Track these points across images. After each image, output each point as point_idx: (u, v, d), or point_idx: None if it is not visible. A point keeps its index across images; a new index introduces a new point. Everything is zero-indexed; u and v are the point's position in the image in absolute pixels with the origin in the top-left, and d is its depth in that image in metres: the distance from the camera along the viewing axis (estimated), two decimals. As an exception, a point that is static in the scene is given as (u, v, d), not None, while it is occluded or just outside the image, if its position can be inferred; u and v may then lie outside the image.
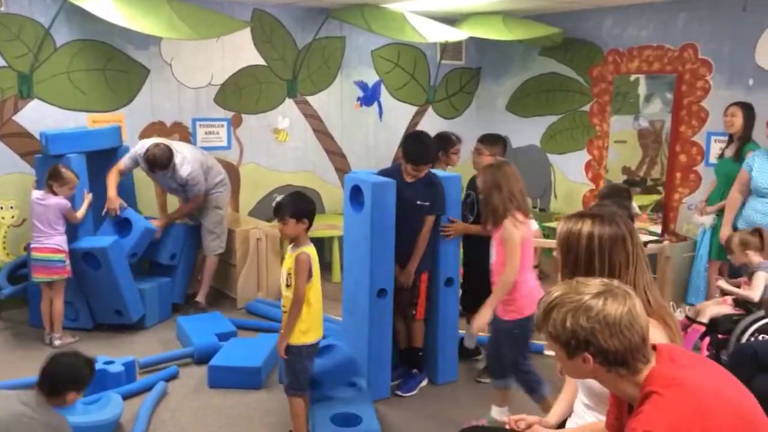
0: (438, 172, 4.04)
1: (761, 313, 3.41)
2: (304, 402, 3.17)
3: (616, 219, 1.94)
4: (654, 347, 1.58)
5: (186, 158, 4.86)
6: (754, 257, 3.84)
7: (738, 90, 5.33)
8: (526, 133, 7.15)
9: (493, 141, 4.27)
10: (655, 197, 6.36)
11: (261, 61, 6.10)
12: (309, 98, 6.45)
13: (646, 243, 5.27)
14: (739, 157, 4.70)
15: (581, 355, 1.52)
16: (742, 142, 4.74)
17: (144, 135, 5.55)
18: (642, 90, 6.40)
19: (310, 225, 3.07)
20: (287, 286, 3.05)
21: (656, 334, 1.83)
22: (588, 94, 6.53)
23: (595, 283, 1.56)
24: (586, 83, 6.52)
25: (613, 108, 6.40)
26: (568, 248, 1.94)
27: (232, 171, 5.95)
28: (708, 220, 4.98)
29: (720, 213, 4.85)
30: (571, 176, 6.76)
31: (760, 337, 3.16)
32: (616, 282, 1.59)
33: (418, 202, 3.74)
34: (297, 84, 6.32)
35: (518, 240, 3.15)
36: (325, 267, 6.13)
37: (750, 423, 1.46)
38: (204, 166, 5.03)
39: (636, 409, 1.50)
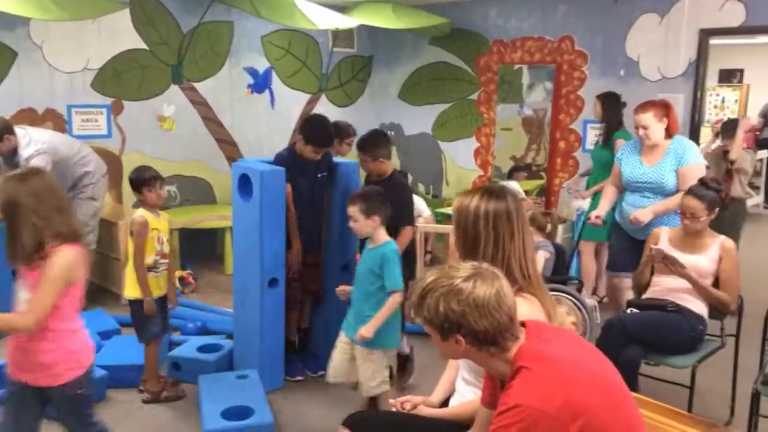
0: (336, 159, 4.05)
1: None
2: (153, 349, 3.53)
3: (505, 194, 2.04)
4: (523, 324, 1.66)
5: (33, 140, 4.46)
6: (535, 236, 4.02)
7: (611, 80, 5.67)
8: (417, 121, 7.28)
9: (372, 146, 3.70)
10: (539, 182, 6.67)
11: (142, 45, 5.82)
12: (196, 85, 6.24)
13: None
14: (607, 144, 4.90)
15: (454, 337, 1.58)
16: (609, 129, 4.92)
17: (12, 123, 5.15)
18: (525, 79, 6.68)
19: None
20: None
21: (533, 309, 1.92)
22: (476, 83, 6.72)
23: (465, 267, 1.62)
24: (474, 72, 6.72)
25: (499, 96, 6.64)
26: (459, 221, 2.04)
27: (114, 161, 5.66)
28: (585, 203, 5.15)
29: (597, 195, 4.99)
30: (461, 162, 6.96)
31: (629, 311, 3.39)
32: (485, 264, 1.66)
33: (319, 175, 3.83)
34: (182, 69, 6.09)
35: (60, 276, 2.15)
36: (218, 258, 6.02)
37: (609, 389, 1.57)
38: (61, 154, 4.62)
39: (507, 384, 1.57)
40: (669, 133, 3.86)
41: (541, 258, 4.04)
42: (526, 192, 6.51)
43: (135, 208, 3.70)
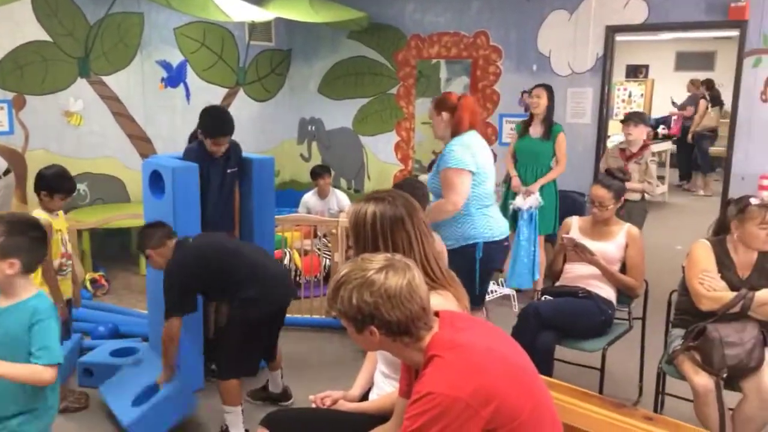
0: (251, 155, 3.97)
1: None
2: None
3: (396, 200, 2.03)
4: (437, 314, 1.69)
5: None
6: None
7: (524, 75, 5.84)
8: (338, 115, 7.26)
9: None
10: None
11: (46, 37, 5.52)
12: (105, 78, 5.98)
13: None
14: (548, 137, 4.88)
15: (368, 329, 1.59)
16: (549, 122, 4.90)
17: None
18: (443, 74, 6.78)
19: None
20: None
21: (447, 303, 1.95)
22: (394, 78, 6.76)
23: (378, 259, 1.63)
24: (392, 67, 6.76)
25: (418, 91, 6.71)
26: (356, 228, 2.03)
27: (16, 158, 5.35)
28: (533, 200, 4.88)
29: (545, 187, 4.91)
30: (382, 157, 6.99)
31: (543, 298, 3.51)
32: (398, 256, 1.67)
33: (229, 170, 3.73)
34: (90, 62, 5.82)
35: None
36: (132, 259, 5.80)
37: (519, 374, 1.61)
38: None
39: (420, 373, 1.59)
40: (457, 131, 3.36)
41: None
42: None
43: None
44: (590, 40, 5.47)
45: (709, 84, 10.25)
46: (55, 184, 3.27)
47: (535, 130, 4.98)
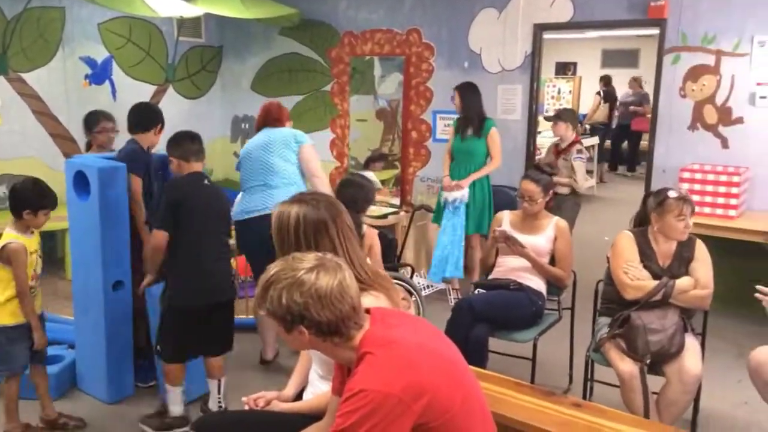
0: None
1: None
2: (15, 384, 3.08)
3: (320, 203, 2.01)
4: (368, 311, 1.69)
5: None
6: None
7: (456, 71, 5.91)
8: (272, 112, 7.15)
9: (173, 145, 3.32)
10: (395, 171, 6.82)
11: (-42, 32, 5.24)
12: (24, 76, 5.71)
13: (386, 215, 5.63)
14: (480, 133, 4.93)
15: (297, 328, 1.57)
16: (478, 119, 4.95)
17: None
18: (377, 71, 6.78)
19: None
20: None
21: (379, 303, 1.95)
22: (328, 75, 6.73)
23: (309, 258, 1.62)
24: (326, 64, 6.72)
25: (352, 88, 6.69)
26: (279, 232, 2.02)
27: (-72, 160, 5.06)
28: (458, 193, 4.95)
29: (476, 185, 4.96)
30: (318, 154, 6.92)
31: (476, 291, 3.57)
32: (329, 255, 1.66)
33: (160, 171, 3.70)
34: (7, 59, 5.55)
35: None
36: (57, 263, 5.57)
37: (450, 367, 1.63)
38: None
39: (352, 371, 1.59)
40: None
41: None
42: (383, 182, 6.64)
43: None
44: (519, 37, 5.58)
45: (606, 80, 10.90)
46: (40, 200, 2.99)
47: (468, 129, 5.03)
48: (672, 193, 3.03)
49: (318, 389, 2.11)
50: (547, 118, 5.52)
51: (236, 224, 3.84)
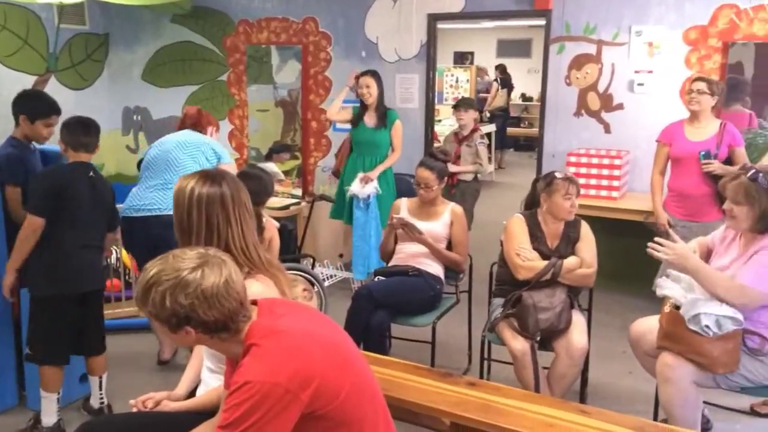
0: (53, 147, 3.64)
1: None
2: None
3: (222, 179, 1.98)
4: (255, 302, 1.66)
5: None
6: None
7: (354, 61, 5.91)
8: (166, 104, 6.90)
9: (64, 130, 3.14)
10: (296, 162, 6.76)
11: None
12: None
13: (288, 206, 5.56)
14: (384, 124, 4.88)
15: (184, 329, 1.52)
16: (383, 109, 4.91)
17: None
18: (275, 60, 6.67)
19: None
20: None
21: (267, 289, 1.93)
22: (224, 64, 6.55)
23: (191, 256, 1.56)
24: (221, 53, 6.54)
25: (250, 77, 6.55)
26: (178, 206, 1.97)
27: None
28: (371, 188, 4.83)
29: (380, 178, 4.88)
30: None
31: (375, 279, 3.61)
32: (212, 250, 1.61)
33: None
34: None
35: None
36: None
37: (338, 354, 1.63)
38: None
39: (239, 364, 1.56)
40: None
41: None
42: (285, 173, 6.56)
43: None
44: (414, 27, 5.65)
45: (502, 69, 11.44)
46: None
47: (370, 119, 4.95)
48: (558, 174, 3.18)
49: (210, 386, 2.06)
50: (455, 106, 5.63)
51: (123, 220, 3.68)
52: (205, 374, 2.08)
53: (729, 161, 3.85)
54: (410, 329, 3.56)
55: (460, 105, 5.67)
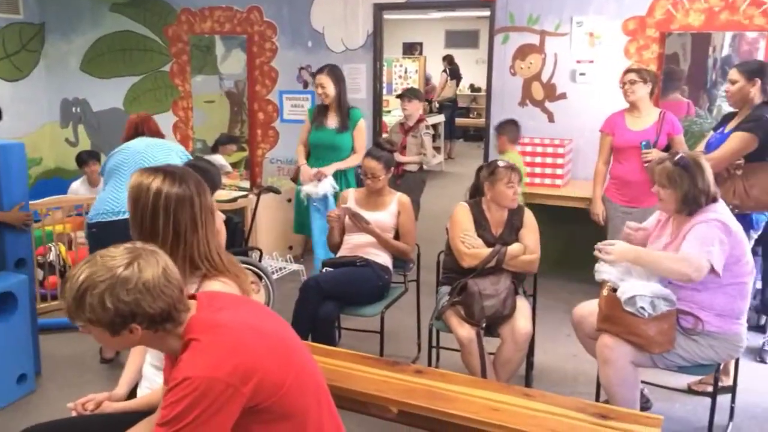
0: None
1: None
2: None
3: (187, 179, 1.87)
4: (193, 297, 1.63)
5: None
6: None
7: (300, 51, 5.85)
8: (106, 95, 6.71)
9: None
10: (243, 154, 6.66)
11: None
12: None
13: (236, 198, 5.48)
14: (347, 126, 4.52)
15: (128, 328, 1.48)
16: (345, 109, 4.52)
17: None
18: (219, 50, 6.54)
19: None
20: None
21: (227, 288, 1.87)
22: (166, 54, 6.41)
23: (120, 253, 1.50)
24: (164, 43, 6.39)
25: (194, 68, 6.42)
26: (136, 200, 1.85)
27: None
28: (327, 186, 4.47)
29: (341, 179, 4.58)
30: (160, 139, 6.60)
31: (323, 270, 3.59)
32: (139, 244, 1.55)
33: None
34: None
35: None
36: None
37: (280, 347, 1.61)
38: None
39: (178, 359, 1.53)
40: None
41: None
42: (233, 165, 6.46)
43: None
44: (360, 17, 5.63)
45: (450, 59, 11.55)
46: None
47: (332, 121, 4.55)
48: (501, 163, 3.22)
49: (154, 383, 2.01)
50: (398, 96, 5.60)
51: (96, 226, 3.53)
52: (150, 371, 2.03)
53: (669, 149, 3.97)
54: (360, 319, 3.56)
55: (404, 95, 5.63)
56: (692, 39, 4.85)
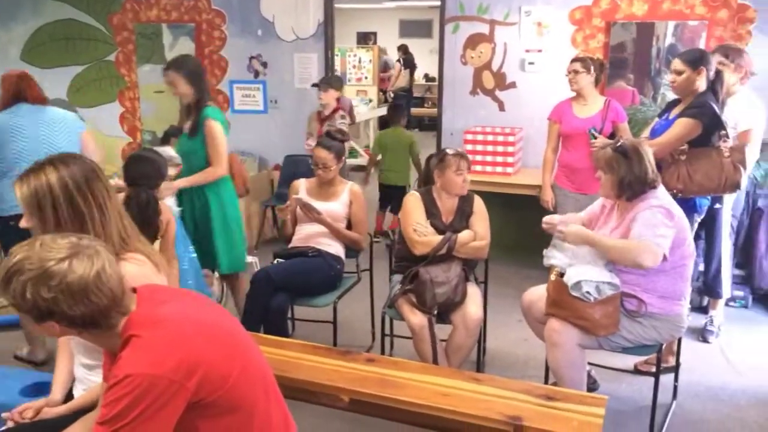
0: None
1: None
2: None
3: (76, 159, 1.84)
4: (135, 290, 1.59)
5: None
6: None
7: (250, 40, 5.77)
8: (49, 85, 6.42)
9: None
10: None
11: None
12: None
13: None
14: (196, 133, 3.57)
15: (47, 323, 1.44)
16: (197, 110, 3.60)
17: None
18: (167, 39, 6.39)
19: None
20: None
21: (143, 268, 1.84)
22: (111, 43, 6.23)
23: (61, 245, 1.45)
24: (108, 31, 6.21)
25: (140, 57, 6.26)
26: (42, 206, 1.77)
27: None
28: (171, 202, 3.48)
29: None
30: (106, 130, 6.43)
31: (275, 261, 3.56)
32: (85, 240, 1.49)
33: None
34: None
35: None
36: None
37: (225, 339, 1.59)
38: None
39: (117, 356, 1.49)
40: None
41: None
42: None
43: None
44: (311, 6, 5.57)
45: (404, 49, 11.59)
46: None
47: (188, 123, 3.67)
48: (450, 151, 3.24)
49: (89, 383, 1.95)
50: (314, 85, 5.29)
51: (16, 218, 3.32)
52: (81, 372, 1.97)
53: (613, 136, 4.06)
54: (314, 310, 3.54)
55: (320, 84, 5.18)
56: (637, 28, 4.96)
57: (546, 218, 2.99)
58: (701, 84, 3.35)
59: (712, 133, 3.33)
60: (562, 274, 2.75)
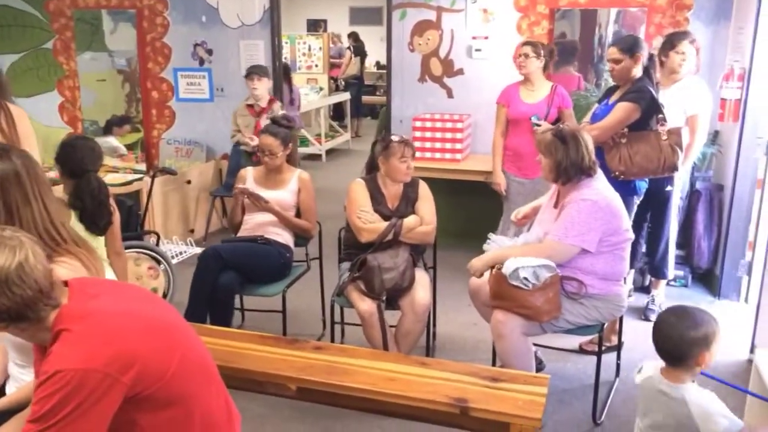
0: None
1: None
2: None
3: (10, 154, 1.77)
4: (66, 284, 1.54)
5: None
6: None
7: (194, 26, 5.64)
8: (-17, 74, 6.22)
9: None
10: (139, 135, 6.37)
11: None
12: None
13: (131, 181, 5.24)
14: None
15: None
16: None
17: None
18: (107, 26, 6.19)
19: None
20: None
21: (75, 273, 1.78)
22: (48, 30, 6.01)
23: None
24: (44, 18, 5.98)
25: (80, 45, 6.05)
26: None
27: None
28: None
29: None
30: (45, 121, 6.21)
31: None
32: (8, 232, 1.45)
33: None
34: None
35: None
36: None
37: (163, 331, 1.56)
38: None
39: (47, 351, 1.44)
40: None
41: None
42: (128, 146, 6.17)
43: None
44: (256, -9, 5.49)
45: (355, 37, 11.56)
46: None
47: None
48: (395, 138, 3.24)
49: (21, 381, 1.89)
50: (247, 74, 4.95)
51: None
52: (14, 369, 1.90)
53: (558, 122, 4.12)
54: (263, 300, 3.51)
55: (253, 73, 4.87)
56: (581, 15, 5.03)
57: (512, 215, 3.13)
58: (637, 70, 3.45)
59: (651, 117, 3.43)
60: (500, 268, 2.79)
